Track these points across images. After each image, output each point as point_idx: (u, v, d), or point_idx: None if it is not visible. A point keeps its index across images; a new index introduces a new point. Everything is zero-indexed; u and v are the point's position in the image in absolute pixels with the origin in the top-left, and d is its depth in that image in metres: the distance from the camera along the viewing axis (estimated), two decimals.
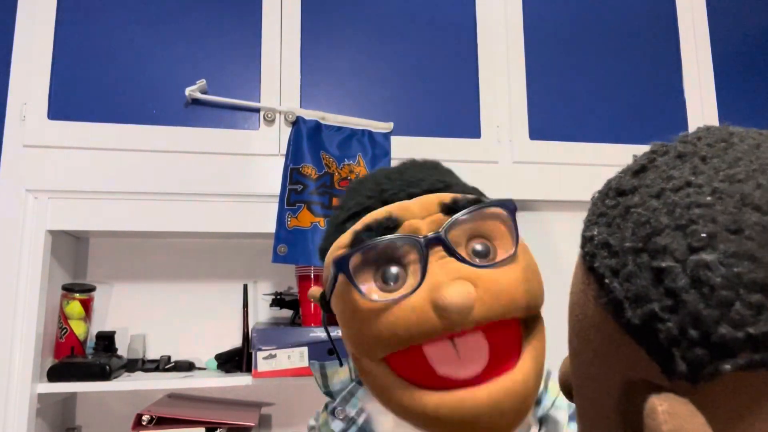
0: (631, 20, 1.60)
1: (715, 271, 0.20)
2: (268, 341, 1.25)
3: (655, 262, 0.21)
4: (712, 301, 0.19)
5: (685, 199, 0.22)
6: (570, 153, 1.48)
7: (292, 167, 1.30)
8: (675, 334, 0.20)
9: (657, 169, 0.24)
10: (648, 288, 0.21)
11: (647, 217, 0.22)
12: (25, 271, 1.21)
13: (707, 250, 0.20)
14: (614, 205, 0.25)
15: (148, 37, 1.35)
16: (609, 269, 0.23)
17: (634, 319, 0.22)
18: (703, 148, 0.24)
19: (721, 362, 0.19)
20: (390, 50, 1.46)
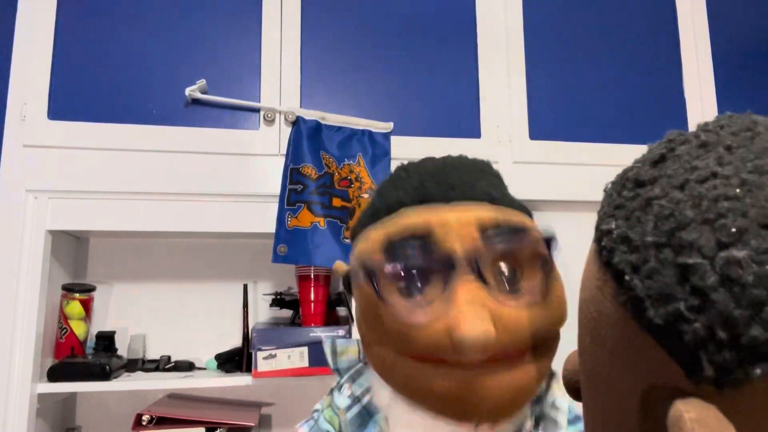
0: (631, 20, 1.60)
1: (746, 268, 0.18)
2: (268, 341, 1.25)
3: (681, 258, 0.20)
4: (743, 301, 0.18)
5: (712, 191, 0.20)
6: (570, 153, 1.48)
7: (292, 167, 1.30)
8: (702, 335, 0.19)
9: (678, 159, 0.23)
10: (672, 286, 0.20)
11: (671, 209, 0.21)
12: (25, 271, 1.21)
13: (738, 246, 0.19)
14: (633, 196, 0.23)
15: (148, 37, 1.35)
16: (629, 265, 0.22)
17: (657, 318, 0.20)
18: (728, 137, 0.22)
19: (751, 366, 0.18)
20: (390, 50, 1.46)
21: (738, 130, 0.22)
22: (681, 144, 0.24)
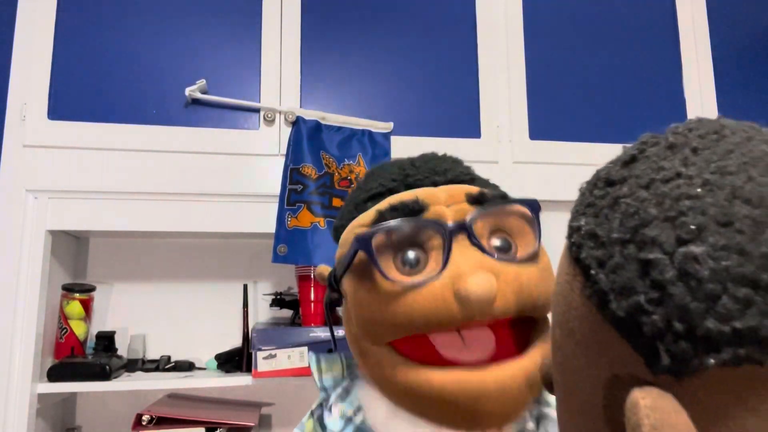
0: (631, 20, 1.60)
1: (703, 264, 0.19)
2: (268, 341, 1.25)
3: (643, 253, 0.21)
4: (699, 295, 0.19)
5: (674, 190, 0.21)
6: (570, 153, 1.48)
7: (292, 167, 1.30)
8: (660, 326, 0.20)
9: (647, 160, 0.24)
10: (634, 280, 0.21)
11: (636, 207, 0.22)
12: (25, 271, 1.21)
13: (696, 243, 0.20)
14: (602, 195, 0.24)
15: (148, 37, 1.35)
16: (595, 260, 0.23)
17: (619, 311, 0.21)
18: (695, 140, 0.23)
19: (706, 356, 0.19)
20: (390, 50, 1.46)
21: (705, 133, 0.23)
22: (652, 146, 0.24)
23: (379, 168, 0.59)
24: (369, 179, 0.58)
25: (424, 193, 0.52)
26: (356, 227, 0.53)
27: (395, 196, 0.52)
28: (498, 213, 0.52)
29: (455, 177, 0.55)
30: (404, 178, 0.55)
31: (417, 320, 0.48)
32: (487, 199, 0.51)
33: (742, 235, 0.19)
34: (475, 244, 0.49)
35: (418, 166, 0.56)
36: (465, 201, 0.51)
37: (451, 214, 0.50)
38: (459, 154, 1.49)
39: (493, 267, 0.48)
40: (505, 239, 0.52)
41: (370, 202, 0.54)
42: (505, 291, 0.47)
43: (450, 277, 0.47)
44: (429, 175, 0.55)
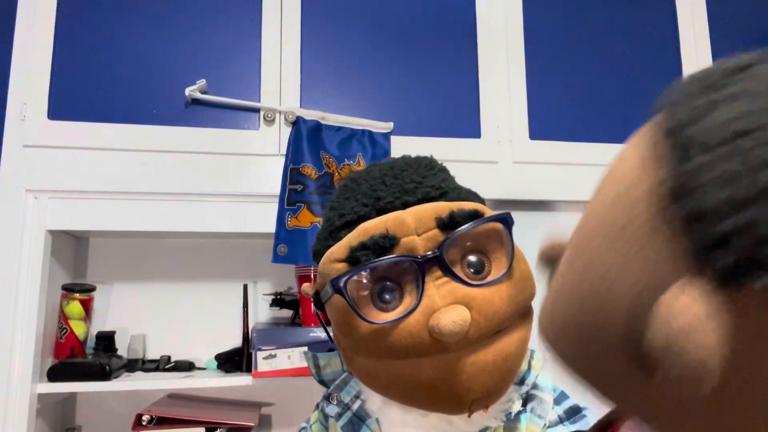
0: (631, 20, 1.60)
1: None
2: (268, 341, 1.25)
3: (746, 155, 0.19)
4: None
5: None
6: (570, 153, 1.48)
7: (292, 167, 1.30)
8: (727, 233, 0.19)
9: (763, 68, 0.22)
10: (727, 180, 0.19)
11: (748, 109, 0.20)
12: (25, 271, 1.21)
13: None
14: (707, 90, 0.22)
15: (148, 37, 1.35)
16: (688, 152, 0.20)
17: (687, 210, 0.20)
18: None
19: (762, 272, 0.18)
20: (390, 50, 1.46)
21: None
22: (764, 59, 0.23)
23: (351, 183, 0.59)
24: (341, 198, 0.58)
25: (393, 223, 0.52)
26: (331, 262, 0.53)
27: (366, 229, 0.52)
28: (469, 234, 0.52)
29: (425, 195, 0.55)
30: (375, 202, 0.54)
31: (395, 353, 0.50)
32: (456, 221, 0.51)
33: None
34: (447, 273, 0.50)
35: (388, 185, 0.55)
36: (435, 226, 0.51)
37: (422, 244, 0.51)
38: (459, 154, 1.49)
39: (466, 296, 0.49)
40: (478, 258, 0.52)
41: (344, 230, 0.55)
42: (479, 320, 0.49)
43: (424, 314, 0.49)
44: (399, 195, 0.54)
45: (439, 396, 0.51)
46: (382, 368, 0.52)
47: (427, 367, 0.50)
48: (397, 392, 0.53)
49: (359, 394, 0.62)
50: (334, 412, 0.61)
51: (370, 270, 0.51)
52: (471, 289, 0.50)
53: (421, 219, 0.52)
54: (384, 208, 0.54)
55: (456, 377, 0.49)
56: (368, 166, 0.61)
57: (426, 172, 0.58)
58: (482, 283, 0.51)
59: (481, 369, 0.49)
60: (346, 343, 0.55)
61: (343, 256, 0.52)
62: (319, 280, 0.57)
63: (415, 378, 0.50)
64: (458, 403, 0.50)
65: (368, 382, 0.56)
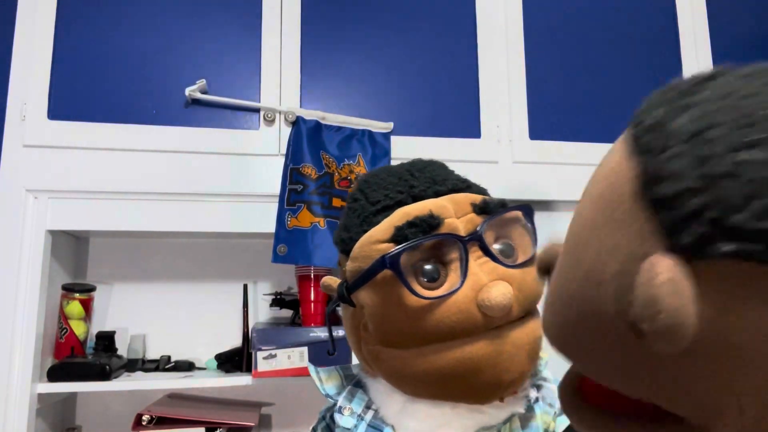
0: (632, 20, 1.60)
1: (753, 168, 0.22)
2: (268, 341, 1.25)
3: (702, 148, 0.23)
4: (740, 192, 0.22)
5: (748, 106, 0.23)
6: (570, 153, 1.48)
7: (292, 167, 1.30)
8: (695, 210, 0.22)
9: (727, 78, 0.26)
10: (686, 169, 0.23)
11: (709, 110, 0.24)
12: (25, 271, 1.21)
13: (751, 150, 0.22)
14: (678, 98, 0.26)
15: (148, 37, 1.35)
16: (656, 147, 0.25)
17: (662, 192, 0.23)
18: None
19: (727, 243, 0.22)
20: (390, 50, 1.46)
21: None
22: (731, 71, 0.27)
23: (376, 178, 0.61)
24: (371, 190, 0.59)
25: (435, 206, 0.54)
26: (373, 243, 0.54)
27: (409, 211, 0.54)
28: (501, 220, 0.56)
29: (454, 186, 0.59)
30: (410, 189, 0.57)
31: (444, 331, 0.52)
32: (490, 207, 0.55)
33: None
34: (486, 253, 0.54)
35: (417, 177, 0.59)
36: (472, 211, 0.55)
37: (463, 226, 0.54)
38: (459, 154, 1.49)
39: (505, 275, 0.53)
40: (507, 244, 0.56)
41: (380, 215, 0.56)
42: (519, 296, 0.53)
43: (471, 289, 0.52)
44: (431, 185, 0.58)
45: (481, 378, 0.52)
46: (420, 357, 0.53)
47: (473, 347, 0.52)
48: (434, 381, 0.54)
49: (370, 404, 0.62)
50: (351, 423, 0.61)
51: (421, 245, 0.53)
52: (509, 269, 0.54)
53: (459, 204, 0.56)
54: (419, 195, 0.57)
55: (500, 356, 0.52)
56: (383, 167, 0.64)
57: (446, 170, 0.62)
58: (516, 264, 0.55)
59: (520, 348, 0.52)
60: (378, 335, 0.56)
61: (388, 237, 0.53)
62: (355, 264, 0.57)
63: (460, 360, 0.52)
64: (497, 384, 0.53)
65: (399, 378, 0.56)
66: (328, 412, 0.69)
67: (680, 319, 0.22)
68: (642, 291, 0.22)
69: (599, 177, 0.30)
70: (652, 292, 0.22)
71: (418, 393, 0.57)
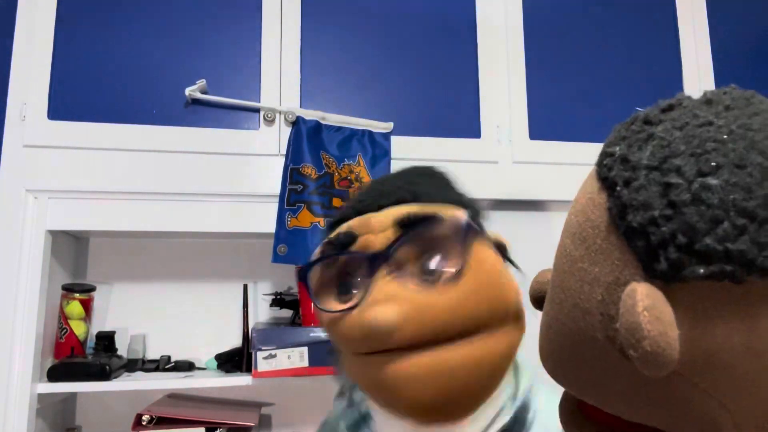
0: (632, 20, 1.60)
1: (715, 193, 0.23)
2: (268, 341, 1.25)
3: (666, 178, 0.25)
4: (706, 217, 0.23)
5: (705, 134, 0.25)
6: (570, 153, 1.48)
7: (292, 167, 1.30)
8: (666, 237, 0.24)
9: (684, 109, 0.28)
10: (653, 198, 0.25)
11: (668, 142, 0.26)
12: (25, 271, 1.21)
13: (713, 176, 0.24)
14: (639, 130, 0.28)
15: (148, 37, 1.35)
16: (622, 179, 0.26)
17: (634, 222, 0.25)
18: (728, 100, 0.27)
19: (698, 267, 0.23)
20: (390, 50, 1.46)
21: (738, 97, 0.28)
22: (689, 100, 0.29)
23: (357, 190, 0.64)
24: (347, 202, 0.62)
25: (358, 223, 0.54)
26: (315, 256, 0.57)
27: (340, 227, 0.56)
28: (422, 236, 0.51)
29: (399, 199, 0.55)
30: (356, 204, 0.57)
31: (343, 344, 0.53)
32: (413, 222, 0.51)
33: (751, 178, 0.23)
34: (396, 272, 0.51)
35: (372, 190, 0.58)
36: (392, 226, 0.52)
37: (379, 242, 0.52)
38: (459, 154, 1.49)
39: (406, 296, 0.49)
40: (436, 260, 0.51)
41: (330, 230, 0.59)
42: (415, 319, 0.48)
43: (362, 308, 0.50)
44: (377, 199, 0.56)
45: (388, 398, 0.50)
46: (348, 363, 0.55)
47: (371, 365, 0.50)
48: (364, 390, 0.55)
49: None
50: (341, 408, 0.63)
51: (330, 264, 0.54)
52: (414, 289, 0.49)
53: (383, 220, 0.53)
54: (362, 210, 0.55)
55: (397, 379, 0.48)
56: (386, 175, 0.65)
57: (415, 178, 0.58)
58: (431, 285, 0.50)
59: (421, 373, 0.48)
60: None
61: (318, 253, 0.55)
62: None
63: (366, 376, 0.51)
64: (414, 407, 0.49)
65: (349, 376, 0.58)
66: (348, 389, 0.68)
67: (663, 345, 0.23)
68: (624, 319, 0.24)
69: (575, 211, 0.31)
70: (633, 320, 0.23)
71: None
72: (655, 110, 0.29)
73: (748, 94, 0.28)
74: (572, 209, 0.32)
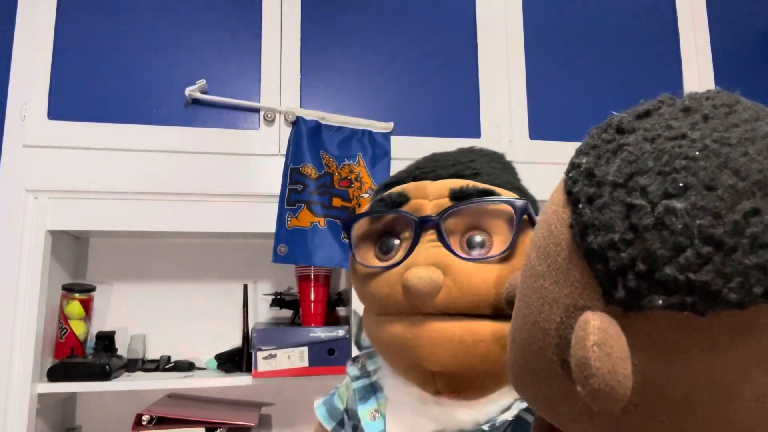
0: (632, 20, 1.60)
1: (679, 218, 0.21)
2: (268, 341, 1.26)
3: (630, 198, 0.23)
4: (668, 244, 0.21)
5: (675, 149, 0.23)
6: (570, 153, 1.47)
7: (292, 167, 1.30)
8: (625, 264, 0.22)
9: (660, 117, 0.26)
10: (615, 219, 0.23)
11: (636, 157, 0.24)
12: (25, 271, 1.21)
13: (679, 198, 0.21)
14: (609, 140, 0.26)
15: (148, 37, 1.35)
16: (585, 196, 0.24)
17: (594, 244, 0.23)
18: (708, 108, 0.25)
19: (657, 297, 0.21)
20: (390, 50, 1.46)
21: (719, 104, 0.25)
22: (668, 105, 0.27)
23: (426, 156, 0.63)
24: None
25: (414, 187, 0.56)
26: None
27: (396, 188, 0.57)
28: (473, 209, 0.53)
29: (457, 172, 0.57)
30: (414, 170, 0.59)
31: (376, 303, 0.54)
32: (466, 194, 0.53)
33: (721, 201, 0.21)
34: (441, 239, 0.52)
35: (433, 160, 0.60)
36: (447, 195, 0.54)
37: (431, 208, 0.54)
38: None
39: (447, 263, 0.50)
40: (481, 237, 0.53)
41: (382, 191, 0.59)
42: (452, 288, 0.49)
43: (405, 268, 0.51)
44: (435, 168, 0.57)
45: (406, 359, 0.52)
46: (373, 324, 0.55)
47: (397, 325, 0.51)
48: (381, 350, 0.56)
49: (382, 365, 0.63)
50: (354, 372, 0.63)
51: (376, 220, 0.55)
52: (455, 258, 0.51)
53: (440, 188, 0.55)
54: (419, 176, 0.57)
55: (420, 340, 0.49)
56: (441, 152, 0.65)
57: (478, 157, 0.61)
58: (469, 258, 0.51)
59: (445, 339, 0.49)
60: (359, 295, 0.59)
61: (366, 209, 0.57)
62: None
63: (389, 335, 0.52)
64: (422, 371, 0.51)
65: (368, 336, 0.58)
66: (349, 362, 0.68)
67: (612, 383, 0.21)
68: (574, 352, 0.22)
69: (542, 221, 0.29)
70: (582, 354, 0.22)
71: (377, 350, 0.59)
72: (630, 116, 0.27)
73: (731, 101, 0.26)
74: (540, 218, 0.30)
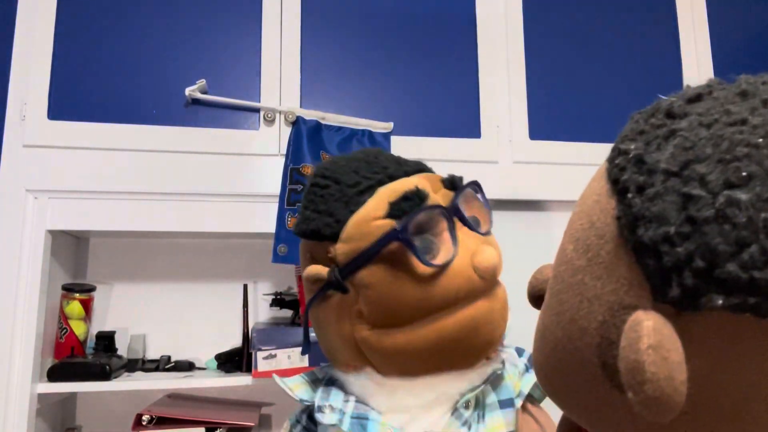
0: (632, 20, 1.60)
1: (743, 210, 0.19)
2: (268, 341, 1.25)
3: (687, 188, 0.21)
4: (730, 238, 0.19)
5: (736, 135, 0.21)
6: (570, 153, 1.48)
7: (292, 167, 1.30)
8: (681, 259, 0.20)
9: (714, 101, 0.23)
10: (670, 211, 0.21)
11: (692, 143, 0.22)
12: (25, 271, 1.21)
13: (742, 189, 0.19)
14: (659, 125, 0.24)
15: (147, 37, 1.35)
16: (635, 185, 0.22)
17: (645, 237, 0.21)
18: (766, 92, 0.23)
19: (716, 296, 0.19)
20: (390, 50, 1.46)
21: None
22: (721, 89, 0.24)
23: (337, 165, 0.62)
24: (341, 175, 0.60)
25: (418, 183, 0.58)
26: (370, 221, 0.56)
27: (392, 187, 0.57)
28: (468, 193, 0.60)
29: (417, 167, 0.63)
30: (383, 170, 0.60)
31: (450, 296, 0.55)
32: (456, 183, 0.60)
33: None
34: (465, 223, 0.58)
35: (386, 160, 0.62)
36: (443, 187, 0.60)
37: (441, 200, 0.58)
38: (459, 154, 1.49)
39: (485, 241, 0.58)
40: (473, 215, 0.60)
41: (364, 195, 0.58)
42: (500, 263, 0.59)
43: (465, 255, 0.55)
44: (400, 166, 0.61)
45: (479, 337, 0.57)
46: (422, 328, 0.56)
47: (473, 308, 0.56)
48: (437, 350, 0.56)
49: (348, 398, 0.63)
50: (335, 419, 0.61)
51: (423, 219, 0.56)
52: (484, 237, 0.59)
53: (431, 181, 0.60)
54: (393, 175, 0.59)
55: (493, 313, 0.57)
56: (334, 157, 0.68)
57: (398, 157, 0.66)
58: (486, 233, 0.60)
59: (504, 304, 0.58)
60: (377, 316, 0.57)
61: (384, 213, 0.55)
62: (350, 245, 0.57)
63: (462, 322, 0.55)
64: (490, 341, 0.58)
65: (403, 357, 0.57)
66: (303, 414, 0.71)
67: (668, 390, 0.19)
68: (626, 356, 0.20)
69: (580, 212, 0.27)
70: (635, 358, 0.20)
71: (416, 368, 0.58)
72: (680, 100, 0.25)
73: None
74: (577, 208, 0.28)
